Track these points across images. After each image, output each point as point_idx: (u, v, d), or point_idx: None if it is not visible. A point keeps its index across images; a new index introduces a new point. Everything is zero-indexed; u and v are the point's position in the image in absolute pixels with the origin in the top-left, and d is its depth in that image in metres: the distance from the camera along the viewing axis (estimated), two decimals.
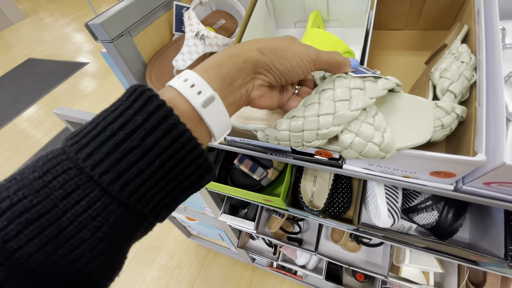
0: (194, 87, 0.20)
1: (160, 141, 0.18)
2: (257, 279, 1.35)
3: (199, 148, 0.19)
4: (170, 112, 0.18)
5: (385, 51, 0.50)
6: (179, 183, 0.19)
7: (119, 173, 0.17)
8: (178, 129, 0.18)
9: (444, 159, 0.30)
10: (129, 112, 0.18)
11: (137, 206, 0.18)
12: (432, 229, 0.51)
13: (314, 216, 0.58)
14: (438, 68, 0.37)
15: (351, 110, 0.26)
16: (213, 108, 0.21)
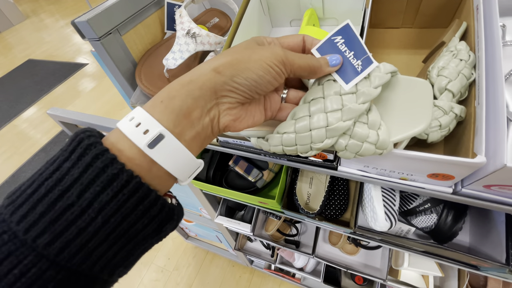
0: (140, 126, 0.18)
1: (99, 195, 0.16)
2: (256, 281, 1.34)
3: (151, 196, 0.18)
4: (110, 161, 0.17)
5: (382, 50, 0.49)
6: (132, 238, 0.18)
7: (55, 235, 0.15)
8: (119, 179, 0.16)
9: (442, 161, 0.28)
10: (66, 165, 0.17)
11: (83, 268, 0.16)
12: (431, 232, 0.50)
13: (310, 219, 0.56)
14: (435, 66, 0.36)
15: (344, 121, 0.24)
16: (164, 147, 0.18)
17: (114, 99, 0.68)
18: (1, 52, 3.78)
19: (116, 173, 0.16)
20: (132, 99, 0.44)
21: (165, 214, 0.19)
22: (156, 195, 0.18)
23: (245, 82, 0.21)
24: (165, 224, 0.19)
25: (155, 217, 0.18)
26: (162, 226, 0.19)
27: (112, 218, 0.16)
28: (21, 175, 2.03)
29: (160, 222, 0.19)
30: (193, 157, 0.20)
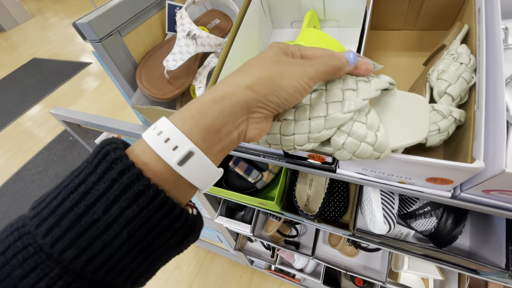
0: (169, 141, 0.18)
1: (125, 211, 0.16)
2: (256, 281, 1.34)
3: (176, 210, 0.18)
4: (136, 176, 0.16)
5: (383, 52, 0.49)
6: (155, 250, 0.18)
7: (81, 249, 0.16)
8: (146, 195, 0.16)
9: (440, 166, 0.28)
10: (91, 179, 0.17)
11: (107, 280, 0.17)
12: (430, 236, 0.49)
13: (309, 221, 0.56)
14: (435, 69, 0.35)
15: (344, 113, 0.25)
16: (193, 163, 0.18)
17: (116, 99, 0.69)
18: (7, 51, 3.82)
19: (142, 190, 0.16)
20: (132, 100, 0.45)
21: (187, 227, 0.19)
22: (180, 209, 0.18)
23: (277, 100, 0.21)
24: (187, 236, 0.19)
25: (178, 230, 0.18)
26: (184, 238, 0.19)
27: (137, 232, 0.17)
28: (25, 173, 2.05)
29: (183, 234, 0.19)
30: (217, 169, 0.20)
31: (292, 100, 0.22)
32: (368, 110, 0.26)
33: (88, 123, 0.71)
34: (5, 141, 2.39)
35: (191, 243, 0.20)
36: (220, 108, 0.19)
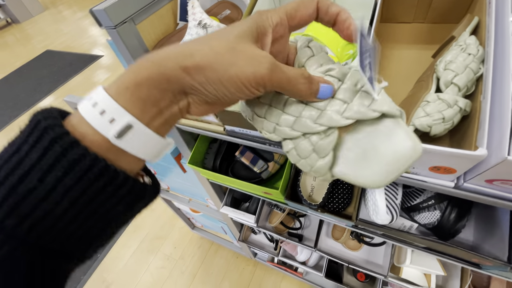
0: (105, 114, 0.17)
1: (62, 180, 0.16)
2: (258, 273, 1.36)
3: (120, 178, 0.17)
4: (69, 145, 0.16)
5: (392, 45, 0.49)
6: (102, 216, 0.18)
7: (22, 217, 0.16)
8: (83, 164, 0.16)
9: (442, 153, 0.29)
10: (24, 149, 0.16)
11: (54, 246, 0.17)
12: (433, 229, 0.50)
13: (313, 211, 0.57)
14: (443, 60, 0.36)
15: (291, 130, 0.22)
16: (133, 136, 0.18)
17: None
18: (21, 43, 3.91)
19: (77, 158, 0.16)
20: None
21: (135, 194, 0.18)
22: (124, 176, 0.17)
23: (215, 93, 0.19)
24: (137, 202, 0.19)
25: (124, 197, 0.18)
26: (134, 204, 0.19)
27: (80, 200, 0.16)
28: None
29: (131, 201, 0.18)
30: (162, 140, 0.20)
31: (233, 98, 0.20)
32: (329, 133, 0.22)
33: None
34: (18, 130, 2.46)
35: (142, 208, 0.20)
36: (155, 82, 0.18)
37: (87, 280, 1.47)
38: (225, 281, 1.36)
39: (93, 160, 0.16)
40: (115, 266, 1.50)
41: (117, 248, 1.57)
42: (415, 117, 0.32)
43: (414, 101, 0.34)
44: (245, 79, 0.18)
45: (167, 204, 1.24)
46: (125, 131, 0.17)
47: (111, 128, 0.17)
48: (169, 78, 0.18)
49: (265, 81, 0.19)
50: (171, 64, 0.18)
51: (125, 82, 0.18)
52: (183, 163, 0.82)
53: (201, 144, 0.69)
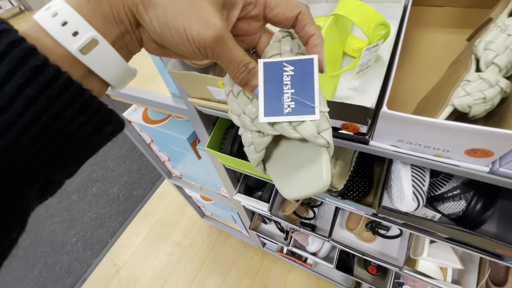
0: (67, 26, 0.16)
1: (23, 89, 0.14)
2: (266, 264, 1.37)
3: (86, 94, 0.16)
4: (31, 50, 0.14)
5: (423, 28, 0.47)
6: (69, 137, 0.16)
7: None
8: (46, 73, 0.14)
9: (486, 133, 0.28)
10: None
11: (17, 165, 0.15)
12: (457, 219, 0.49)
13: (333, 198, 0.57)
14: (483, 40, 0.34)
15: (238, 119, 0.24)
16: (98, 53, 0.17)
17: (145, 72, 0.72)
18: None
19: (40, 65, 0.14)
20: (169, 65, 0.46)
21: (103, 115, 0.17)
22: (90, 95, 0.16)
23: (160, 33, 0.18)
24: (104, 125, 0.18)
25: (92, 117, 0.17)
26: (101, 127, 0.17)
27: (43, 115, 0.15)
28: None
29: (98, 122, 0.17)
30: (126, 64, 0.19)
31: (178, 48, 0.19)
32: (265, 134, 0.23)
33: (119, 93, 0.73)
34: None
35: (110, 134, 0.19)
36: (114, 2, 0.17)
37: (98, 263, 1.51)
38: (233, 269, 1.38)
39: (56, 71, 0.15)
40: (125, 251, 1.53)
41: (127, 234, 1.60)
42: (455, 97, 0.31)
43: (451, 81, 0.33)
44: (190, 35, 0.18)
45: (178, 191, 1.25)
46: (91, 47, 0.16)
47: (74, 41, 0.16)
48: (126, 4, 0.17)
49: (206, 48, 0.18)
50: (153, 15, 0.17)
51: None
52: (198, 149, 0.82)
53: (219, 130, 0.69)
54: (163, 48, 0.20)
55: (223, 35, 0.19)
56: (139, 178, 1.86)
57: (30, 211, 0.17)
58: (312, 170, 0.22)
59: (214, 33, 0.18)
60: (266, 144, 0.24)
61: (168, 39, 0.18)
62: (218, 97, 0.49)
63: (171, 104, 0.63)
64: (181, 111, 0.62)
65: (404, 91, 0.43)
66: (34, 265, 1.57)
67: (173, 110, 0.64)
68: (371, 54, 0.43)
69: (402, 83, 0.43)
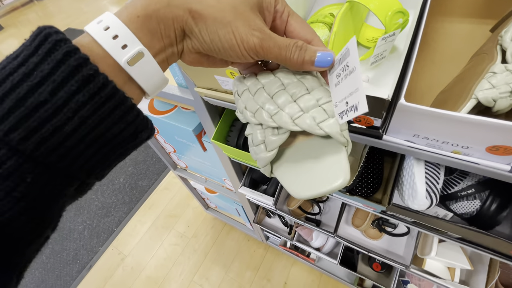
0: (118, 39, 0.17)
1: (75, 95, 0.15)
2: (269, 257, 1.37)
3: (128, 102, 0.17)
4: (84, 60, 0.16)
5: (443, 18, 0.45)
6: (110, 140, 0.18)
7: (29, 130, 0.15)
8: (96, 81, 0.16)
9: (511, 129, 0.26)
10: (32, 60, 0.15)
11: (60, 166, 0.16)
12: (470, 219, 0.47)
13: (341, 194, 0.55)
14: (509, 30, 0.32)
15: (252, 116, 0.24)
16: (143, 65, 0.18)
17: None
18: (43, 20, 3.98)
19: (92, 74, 0.16)
20: None
21: (140, 121, 0.19)
22: (131, 103, 0.18)
23: (209, 42, 0.20)
24: (140, 131, 0.19)
25: (131, 123, 0.18)
26: (137, 133, 0.19)
27: (89, 120, 0.16)
28: None
29: (136, 128, 0.19)
30: (163, 75, 0.20)
31: (226, 54, 0.21)
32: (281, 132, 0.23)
33: None
34: None
35: (144, 140, 0.20)
36: (163, 18, 0.19)
37: (104, 251, 1.54)
38: (236, 261, 1.38)
39: (105, 79, 0.16)
40: (131, 240, 1.55)
41: (132, 224, 1.62)
42: (479, 89, 0.29)
43: (475, 73, 0.31)
44: (239, 39, 0.20)
45: (182, 183, 1.25)
46: (137, 59, 0.18)
47: (123, 53, 0.17)
48: (176, 17, 0.19)
49: (256, 48, 0.20)
50: (180, 3, 0.19)
51: (136, 11, 0.18)
52: (204, 141, 0.82)
53: (225, 121, 0.67)
54: (206, 57, 0.23)
55: (266, 32, 0.21)
56: (145, 169, 1.87)
57: (63, 211, 0.19)
58: (331, 167, 0.22)
59: (259, 33, 0.20)
60: (281, 142, 0.23)
61: (218, 47, 0.20)
62: (225, 87, 0.47)
63: (177, 94, 0.62)
64: (187, 101, 0.61)
65: (422, 84, 0.41)
66: (42, 251, 1.59)
67: (179, 100, 0.63)
68: (387, 44, 0.40)
69: (420, 76, 0.41)
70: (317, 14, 0.53)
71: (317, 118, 0.22)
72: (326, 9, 0.53)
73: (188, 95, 0.60)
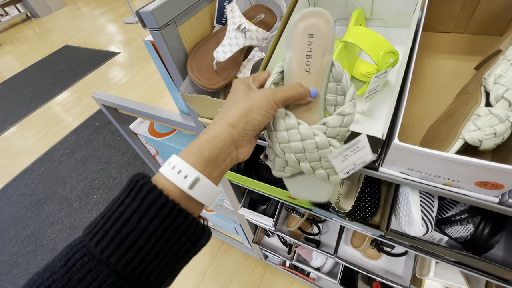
0: (181, 172, 0.24)
1: (152, 220, 0.21)
2: (268, 276, 1.35)
3: (190, 218, 0.23)
4: (158, 194, 0.22)
5: (430, 54, 0.48)
6: (177, 252, 0.23)
7: (122, 254, 0.20)
8: (166, 207, 0.22)
9: (496, 169, 0.28)
10: (127, 200, 0.22)
11: (142, 278, 0.21)
12: (465, 243, 0.49)
13: (340, 219, 0.57)
14: (492, 73, 0.35)
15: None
16: (200, 187, 0.24)
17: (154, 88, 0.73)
18: (40, 37, 4.02)
19: (163, 203, 0.22)
20: (181, 88, 0.47)
21: (200, 231, 0.24)
22: (192, 218, 0.23)
23: (252, 127, 0.28)
24: (200, 239, 0.24)
25: (192, 235, 0.23)
26: (197, 241, 0.24)
27: (162, 237, 0.21)
28: (53, 153, 2.16)
29: (196, 238, 0.24)
30: (217, 189, 0.26)
31: (264, 121, 0.28)
32: None
33: (126, 108, 0.74)
34: (36, 122, 2.53)
35: (202, 245, 0.25)
36: (213, 144, 0.26)
37: None
38: (234, 281, 1.36)
39: (173, 204, 0.22)
40: None
41: None
42: (465, 131, 0.31)
43: (462, 114, 0.34)
44: (264, 106, 0.28)
45: None
46: (195, 183, 0.24)
47: (185, 182, 0.24)
48: (223, 139, 0.27)
49: (275, 101, 0.29)
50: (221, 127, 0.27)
51: (193, 150, 0.26)
52: None
53: None
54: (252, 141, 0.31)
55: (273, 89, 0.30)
56: None
57: None
58: (322, 189, 0.35)
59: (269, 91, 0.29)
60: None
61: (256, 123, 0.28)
62: None
63: (180, 121, 0.63)
64: (190, 128, 0.63)
65: (412, 117, 0.43)
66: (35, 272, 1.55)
67: (181, 127, 0.65)
68: (380, 81, 0.43)
69: (410, 109, 0.44)
70: None
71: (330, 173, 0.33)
72: None
73: (190, 122, 0.62)
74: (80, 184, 1.93)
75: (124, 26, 3.70)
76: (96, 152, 2.08)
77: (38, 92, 2.87)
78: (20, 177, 2.07)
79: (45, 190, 1.95)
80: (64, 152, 2.16)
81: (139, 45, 3.19)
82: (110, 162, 2.02)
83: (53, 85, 2.92)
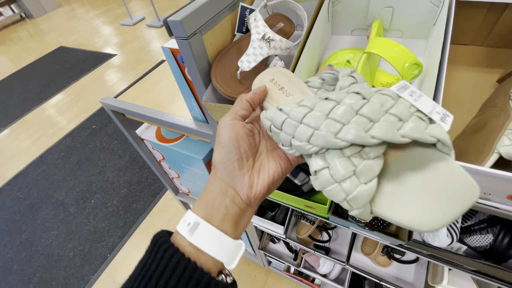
0: (186, 222, 0.24)
1: (169, 281, 0.22)
2: (271, 282, 1.34)
3: (206, 277, 0.22)
4: (175, 251, 0.23)
5: (450, 66, 0.49)
6: None
7: None
8: (180, 264, 0.22)
9: None
10: (148, 261, 0.23)
11: None
12: (484, 253, 0.49)
13: (359, 228, 0.57)
14: None
15: (336, 137, 0.19)
16: (201, 231, 0.24)
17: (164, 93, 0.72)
18: (34, 38, 3.94)
19: (178, 261, 0.22)
20: (204, 97, 0.46)
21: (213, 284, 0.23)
22: (209, 277, 0.23)
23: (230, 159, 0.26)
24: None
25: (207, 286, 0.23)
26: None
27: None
28: (48, 156, 2.11)
29: None
30: (228, 237, 0.25)
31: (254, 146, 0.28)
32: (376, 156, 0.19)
33: (134, 113, 0.73)
34: (30, 124, 2.46)
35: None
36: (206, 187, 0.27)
37: (96, 280, 1.46)
38: None
39: (187, 262, 0.22)
40: (125, 267, 1.48)
41: (127, 249, 1.56)
42: (500, 145, 0.32)
43: (495, 127, 0.34)
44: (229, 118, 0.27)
45: (182, 207, 1.23)
46: (195, 228, 0.24)
47: (188, 229, 0.24)
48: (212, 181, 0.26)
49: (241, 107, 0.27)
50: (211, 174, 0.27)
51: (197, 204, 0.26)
52: None
53: None
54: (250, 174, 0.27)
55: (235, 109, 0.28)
56: (139, 191, 1.82)
57: None
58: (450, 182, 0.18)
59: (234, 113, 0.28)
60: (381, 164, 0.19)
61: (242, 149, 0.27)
62: None
63: (195, 128, 0.63)
64: (205, 135, 0.62)
65: None
66: (30, 280, 1.50)
67: (197, 134, 0.64)
68: None
69: None
70: (335, 58, 0.56)
71: (420, 125, 0.18)
72: (340, 53, 0.57)
73: (206, 130, 0.61)
74: (77, 188, 1.89)
75: (120, 28, 3.66)
76: (93, 155, 2.04)
77: (32, 94, 2.81)
78: (14, 181, 2.01)
79: (40, 195, 1.90)
80: (59, 156, 2.11)
81: (135, 47, 3.16)
82: (107, 165, 1.98)
83: (47, 86, 2.86)
